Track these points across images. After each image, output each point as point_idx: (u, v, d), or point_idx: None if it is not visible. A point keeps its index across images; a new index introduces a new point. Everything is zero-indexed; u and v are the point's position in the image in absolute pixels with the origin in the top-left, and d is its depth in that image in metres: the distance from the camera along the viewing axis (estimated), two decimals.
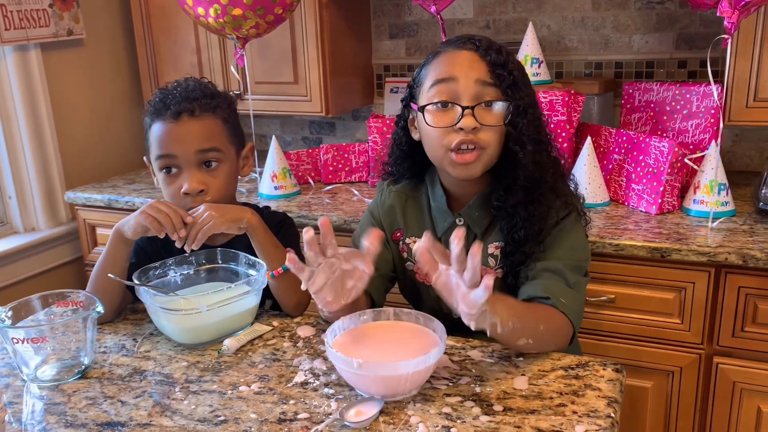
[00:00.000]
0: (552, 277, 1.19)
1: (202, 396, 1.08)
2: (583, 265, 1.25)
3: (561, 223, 1.24)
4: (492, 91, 1.19)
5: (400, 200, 1.38)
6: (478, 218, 1.28)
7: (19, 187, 2.43)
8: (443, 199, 1.31)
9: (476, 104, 1.18)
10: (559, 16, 2.31)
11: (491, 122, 1.19)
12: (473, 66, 1.19)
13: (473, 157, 1.20)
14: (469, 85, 1.19)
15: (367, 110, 2.66)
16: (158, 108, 1.32)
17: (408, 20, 2.51)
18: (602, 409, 1.00)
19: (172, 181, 1.32)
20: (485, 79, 1.19)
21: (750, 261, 1.59)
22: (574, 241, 1.24)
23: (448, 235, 1.29)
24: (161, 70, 2.60)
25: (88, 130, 2.63)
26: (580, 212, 1.27)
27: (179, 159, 1.31)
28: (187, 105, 1.31)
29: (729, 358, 1.71)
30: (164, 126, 1.31)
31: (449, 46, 1.24)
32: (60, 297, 1.21)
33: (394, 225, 1.38)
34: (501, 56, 1.20)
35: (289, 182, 2.25)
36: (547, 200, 1.23)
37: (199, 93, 1.33)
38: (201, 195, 1.32)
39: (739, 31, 1.80)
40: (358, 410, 1.00)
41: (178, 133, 1.30)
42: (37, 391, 1.12)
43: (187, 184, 1.30)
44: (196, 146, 1.31)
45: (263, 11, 1.87)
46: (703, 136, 1.96)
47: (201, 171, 1.32)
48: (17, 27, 2.27)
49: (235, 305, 1.24)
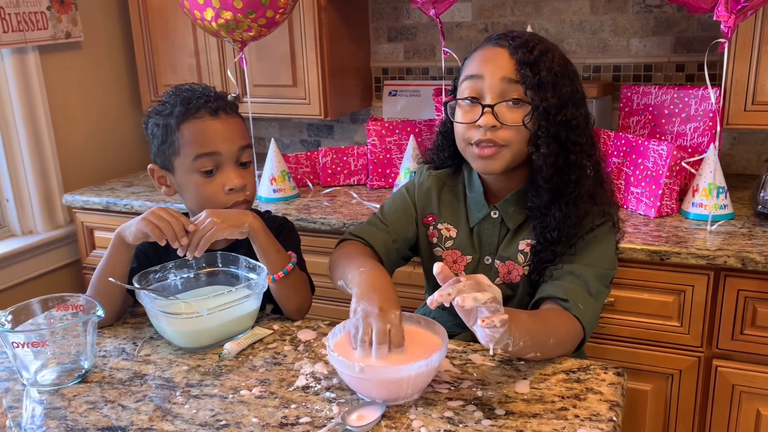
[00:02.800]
0: (575, 281, 1.19)
1: (203, 400, 1.07)
2: (609, 274, 1.24)
3: (595, 231, 1.23)
4: (517, 89, 1.19)
5: (437, 185, 1.38)
6: (513, 213, 1.28)
7: (17, 190, 2.42)
8: (480, 190, 1.31)
9: (497, 103, 1.19)
10: (557, 20, 2.32)
11: (510, 121, 1.19)
12: (501, 64, 1.19)
13: (492, 152, 1.20)
14: (494, 83, 1.19)
15: (366, 113, 2.66)
16: (189, 108, 1.29)
17: (407, 23, 2.52)
18: (604, 412, 1.00)
19: (211, 180, 1.31)
20: (511, 77, 1.18)
21: (749, 264, 1.60)
22: (604, 251, 1.24)
23: (482, 225, 1.31)
24: (159, 72, 2.59)
25: (86, 133, 2.63)
26: (615, 223, 1.26)
27: (223, 156, 1.30)
28: (221, 103, 1.31)
29: (728, 361, 1.71)
30: (203, 124, 1.29)
31: (488, 42, 1.24)
32: (60, 301, 1.21)
33: (427, 208, 1.38)
34: (532, 55, 1.18)
35: (288, 185, 2.25)
36: (584, 205, 1.22)
37: (216, 95, 1.34)
38: (244, 191, 1.33)
39: (737, 34, 1.81)
40: (360, 414, 1.00)
41: (221, 130, 1.30)
42: (37, 396, 1.12)
43: (235, 180, 1.31)
44: (239, 142, 1.32)
45: (254, 15, 1.87)
46: (701, 139, 1.97)
47: (238, 168, 1.33)
48: (15, 29, 2.26)
49: (236, 309, 1.24)
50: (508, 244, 1.29)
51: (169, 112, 1.31)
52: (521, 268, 1.28)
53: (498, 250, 1.30)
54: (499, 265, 1.30)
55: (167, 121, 1.31)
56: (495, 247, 1.30)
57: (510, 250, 1.28)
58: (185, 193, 1.35)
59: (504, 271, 1.29)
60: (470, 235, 1.32)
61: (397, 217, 1.38)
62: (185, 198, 1.36)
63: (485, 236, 1.31)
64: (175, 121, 1.30)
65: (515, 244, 1.28)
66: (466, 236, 1.32)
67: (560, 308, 1.16)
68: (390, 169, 2.30)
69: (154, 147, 1.35)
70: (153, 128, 1.34)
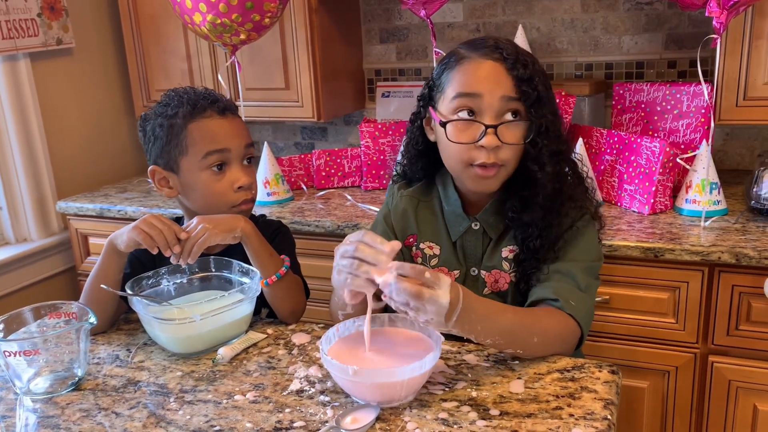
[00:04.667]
0: (563, 279, 1.19)
1: (197, 406, 1.07)
2: (596, 266, 1.24)
3: (574, 225, 1.23)
4: (516, 107, 1.17)
5: (412, 204, 1.35)
6: (494, 223, 1.27)
7: (10, 197, 2.42)
8: (458, 203, 1.29)
9: (499, 123, 1.16)
10: (548, 18, 2.32)
11: (512, 140, 1.17)
12: (499, 81, 1.16)
13: (493, 173, 1.19)
14: (493, 102, 1.16)
15: (359, 115, 2.66)
16: (196, 107, 1.32)
17: (398, 24, 2.52)
18: (599, 411, 1.00)
19: (220, 178, 1.33)
20: (510, 95, 1.16)
21: (743, 259, 1.60)
22: (587, 243, 1.24)
23: (464, 238, 1.30)
24: (152, 77, 2.59)
25: (79, 139, 2.62)
26: (593, 214, 1.26)
27: (232, 153, 1.34)
28: (226, 103, 1.35)
29: (724, 357, 1.71)
30: (212, 122, 1.32)
31: (474, 53, 1.19)
32: (52, 308, 1.20)
33: (407, 230, 1.36)
34: (527, 70, 1.16)
35: (282, 188, 2.24)
36: (565, 208, 1.22)
37: (215, 96, 1.36)
38: (250, 189, 1.36)
39: (728, 30, 1.81)
40: (354, 417, 1.00)
41: (229, 128, 1.34)
42: (31, 404, 1.11)
43: (243, 178, 1.34)
44: (246, 140, 1.37)
45: (240, 19, 1.86)
46: (694, 135, 1.97)
47: (244, 166, 1.37)
48: (6, 37, 2.26)
49: (229, 314, 1.23)
50: (491, 253, 1.28)
51: (174, 113, 1.32)
52: (508, 276, 1.27)
53: (483, 261, 1.29)
54: (485, 276, 1.29)
55: (173, 121, 1.32)
56: (479, 258, 1.29)
57: (494, 259, 1.28)
58: (191, 193, 1.35)
59: (491, 280, 1.28)
60: (454, 250, 1.31)
61: None
62: (191, 198, 1.36)
63: (469, 248, 1.30)
64: (182, 120, 1.31)
65: (498, 252, 1.28)
66: (449, 251, 1.31)
67: (553, 308, 1.16)
68: (384, 171, 2.29)
69: (156, 149, 1.34)
70: (155, 130, 1.33)
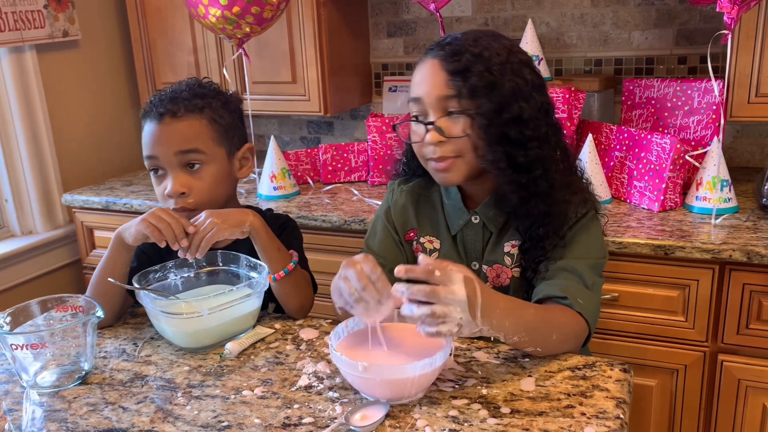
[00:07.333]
0: (569, 277, 1.17)
1: (205, 401, 1.06)
2: (601, 263, 1.23)
3: (581, 221, 1.22)
4: (452, 103, 1.16)
5: (412, 199, 1.36)
6: (494, 216, 1.26)
7: (16, 190, 2.41)
8: (458, 197, 1.29)
9: (438, 118, 1.17)
10: (558, 13, 2.30)
11: (455, 133, 1.17)
12: (433, 81, 1.17)
13: (447, 165, 1.19)
14: (432, 102, 1.18)
15: (366, 109, 2.65)
16: (147, 109, 1.33)
17: (406, 18, 2.50)
18: (611, 410, 0.99)
19: (159, 182, 1.33)
20: (445, 93, 1.16)
21: (754, 258, 1.58)
22: (593, 240, 1.22)
23: (464, 232, 1.29)
24: (158, 70, 2.58)
25: (85, 132, 2.62)
26: (598, 210, 1.25)
27: (161, 160, 1.31)
28: (170, 106, 1.30)
29: (734, 356, 1.70)
30: (149, 127, 1.31)
31: (426, 54, 1.21)
32: (59, 302, 1.19)
33: (407, 225, 1.36)
34: (460, 63, 1.14)
35: (289, 183, 2.23)
36: (561, 194, 1.20)
37: (187, 93, 1.32)
38: (183, 197, 1.31)
39: (740, 26, 1.79)
40: (364, 414, 0.99)
41: (159, 135, 1.30)
42: (37, 398, 1.10)
43: (169, 187, 1.30)
44: (175, 148, 1.30)
45: (240, 12, 1.85)
46: (704, 132, 1.95)
47: (185, 173, 1.31)
48: (12, 28, 2.25)
49: (237, 308, 1.22)
50: (493, 247, 1.27)
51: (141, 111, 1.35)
52: (509, 271, 1.26)
53: (484, 255, 1.28)
54: (487, 270, 1.28)
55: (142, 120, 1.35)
56: (480, 252, 1.28)
57: (496, 254, 1.27)
58: None
59: (493, 275, 1.27)
60: (454, 244, 1.30)
61: (385, 247, 1.35)
62: None
63: (469, 242, 1.29)
64: (141, 121, 1.34)
65: (500, 246, 1.26)
66: (449, 245, 1.30)
67: (563, 306, 1.15)
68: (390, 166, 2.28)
69: None
70: None
